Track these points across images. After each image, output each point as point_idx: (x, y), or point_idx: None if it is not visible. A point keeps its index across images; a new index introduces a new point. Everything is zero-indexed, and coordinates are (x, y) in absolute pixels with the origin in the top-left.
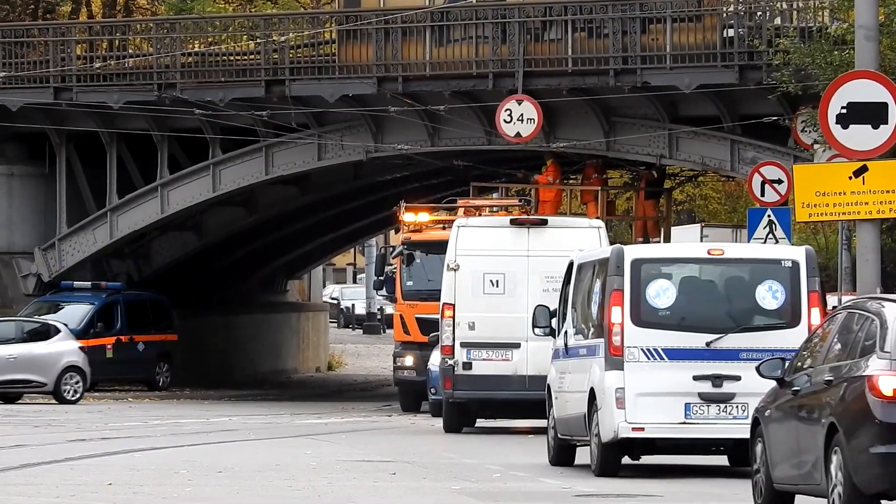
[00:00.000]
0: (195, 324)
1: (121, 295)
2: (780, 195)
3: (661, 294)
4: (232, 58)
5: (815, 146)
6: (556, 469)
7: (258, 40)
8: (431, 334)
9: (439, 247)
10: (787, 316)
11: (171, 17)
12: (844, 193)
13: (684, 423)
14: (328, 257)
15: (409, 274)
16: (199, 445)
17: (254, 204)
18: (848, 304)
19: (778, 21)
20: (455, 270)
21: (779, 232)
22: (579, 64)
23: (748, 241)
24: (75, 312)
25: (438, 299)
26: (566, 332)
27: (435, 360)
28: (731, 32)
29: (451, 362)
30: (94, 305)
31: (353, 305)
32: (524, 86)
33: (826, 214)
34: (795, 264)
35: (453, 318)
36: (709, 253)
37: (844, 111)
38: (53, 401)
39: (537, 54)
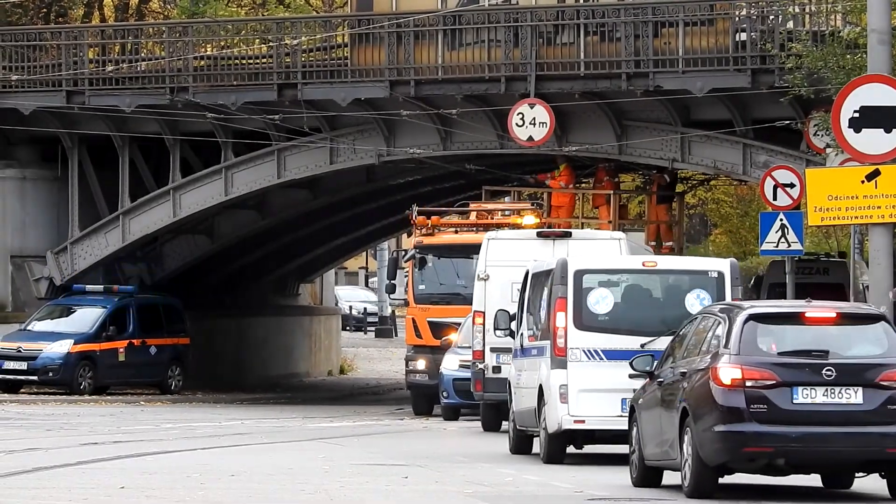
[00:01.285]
0: (207, 327)
1: (133, 298)
2: (793, 199)
3: (601, 301)
4: (244, 61)
5: (828, 150)
6: (515, 457)
7: (270, 44)
8: (443, 338)
9: (451, 250)
10: None
11: (183, 20)
12: (857, 197)
13: (620, 415)
14: (340, 261)
15: (421, 278)
16: (211, 449)
17: (266, 207)
18: (704, 308)
19: (790, 25)
20: (485, 280)
21: (791, 236)
22: (592, 68)
23: (760, 245)
24: (87, 316)
25: (450, 303)
26: (522, 334)
27: (447, 363)
28: (743, 36)
29: (481, 366)
30: (107, 309)
31: (349, 307)
32: (536, 89)
33: (838, 218)
34: (721, 275)
35: (483, 324)
36: (643, 265)
37: (857, 115)
38: (60, 397)
39: (549, 58)
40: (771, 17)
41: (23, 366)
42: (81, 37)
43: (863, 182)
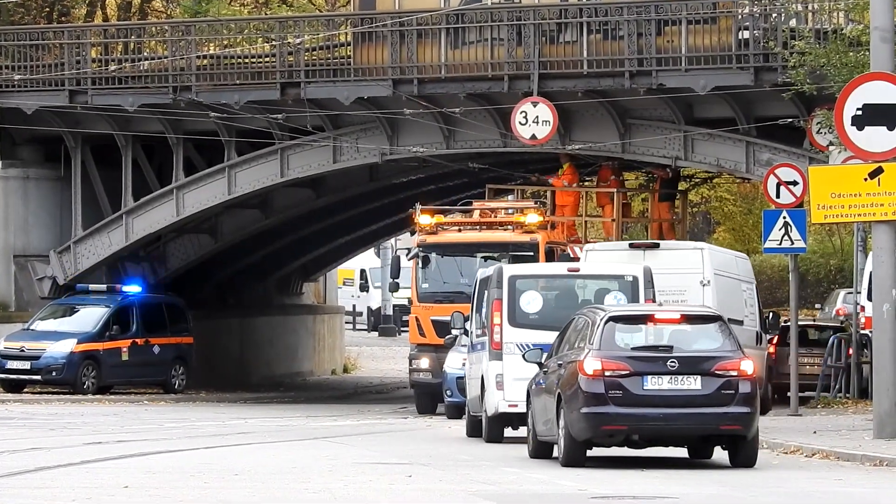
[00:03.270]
0: (211, 326)
1: (136, 297)
2: (796, 197)
3: (531, 302)
4: (247, 60)
5: (831, 148)
6: (517, 456)
7: (273, 43)
8: (447, 336)
9: (454, 249)
10: None
11: (186, 19)
12: (860, 195)
13: None
14: (343, 259)
15: (424, 276)
16: (214, 448)
17: (269, 206)
18: (580, 311)
19: (793, 23)
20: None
21: (794, 233)
22: (594, 66)
23: (763, 243)
24: (90, 315)
25: (454, 301)
26: (472, 332)
27: (451, 362)
28: (746, 34)
29: None
30: (110, 308)
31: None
32: (539, 88)
33: (841, 216)
34: (635, 279)
35: None
36: (568, 270)
37: (860, 113)
38: (63, 397)
39: (552, 56)
40: (774, 15)
41: (26, 365)
42: (84, 36)
43: (866, 180)
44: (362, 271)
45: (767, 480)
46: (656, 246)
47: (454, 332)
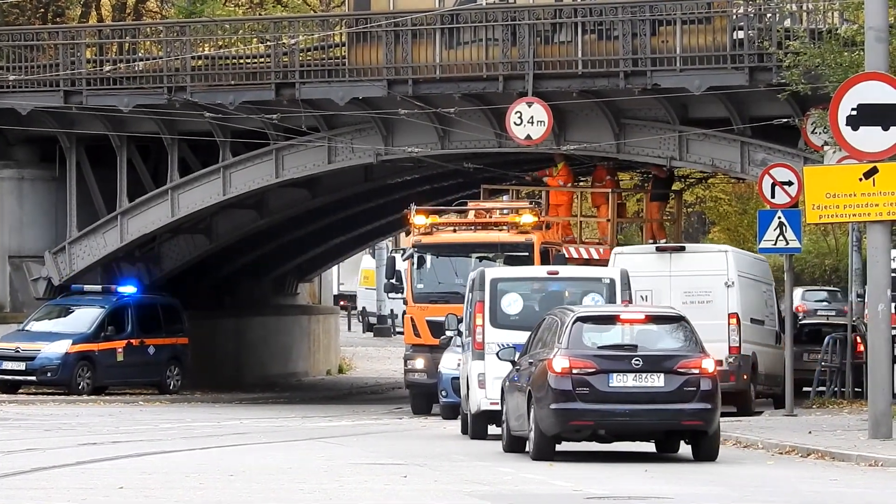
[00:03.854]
0: (206, 327)
1: (131, 298)
2: (791, 197)
3: (512, 304)
4: (242, 61)
5: (826, 148)
6: (513, 456)
7: (268, 43)
8: (442, 337)
9: (449, 249)
10: None
11: (180, 20)
12: (855, 195)
13: None
14: (339, 260)
15: (419, 276)
16: (209, 449)
17: (264, 207)
18: (550, 311)
19: (788, 22)
20: None
21: (789, 234)
22: (589, 66)
23: (758, 243)
24: (86, 316)
25: (449, 302)
26: (464, 333)
27: (446, 362)
28: (740, 34)
29: None
30: (105, 309)
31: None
32: (534, 88)
33: (836, 216)
34: (612, 281)
35: None
36: (548, 273)
37: (855, 113)
38: (59, 398)
39: (547, 56)
40: (768, 15)
41: (21, 366)
42: (79, 37)
43: (861, 180)
44: (396, 272)
45: (762, 480)
46: (682, 249)
47: (448, 333)
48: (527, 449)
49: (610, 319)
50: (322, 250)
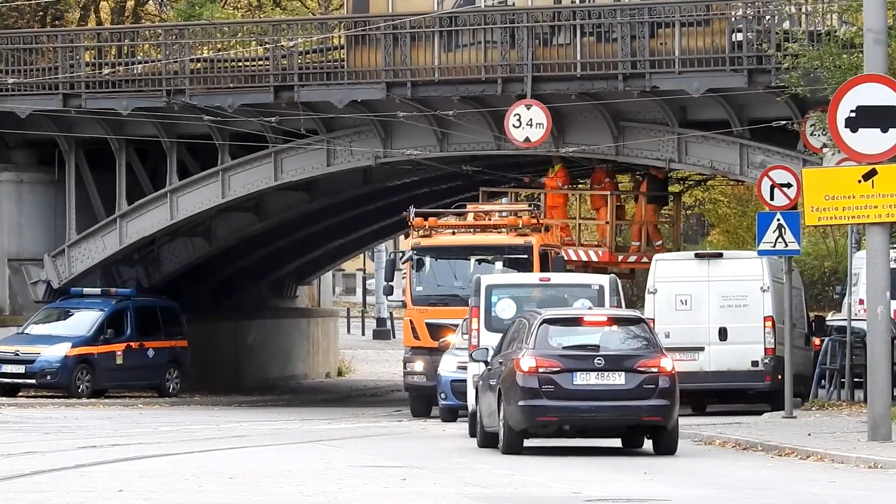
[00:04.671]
0: (205, 329)
1: (130, 301)
2: (790, 199)
3: (506, 309)
4: (241, 63)
5: (825, 150)
6: (513, 458)
7: (267, 46)
8: (442, 339)
9: (448, 252)
10: None
11: (179, 23)
12: (854, 197)
13: None
14: (337, 263)
15: (418, 279)
16: (209, 451)
17: (263, 209)
18: (520, 314)
19: (786, 25)
20: (654, 294)
21: (788, 236)
22: (588, 68)
23: (757, 245)
24: (85, 319)
25: (448, 304)
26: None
27: (445, 365)
28: (739, 36)
29: None
30: (104, 312)
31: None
32: (533, 90)
33: (835, 218)
34: (601, 287)
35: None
36: (540, 280)
37: (853, 115)
38: (58, 401)
39: (546, 59)
40: (767, 17)
41: (20, 369)
42: (78, 40)
43: (860, 182)
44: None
45: (761, 482)
46: (720, 256)
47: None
48: (499, 444)
49: (574, 322)
50: (321, 253)
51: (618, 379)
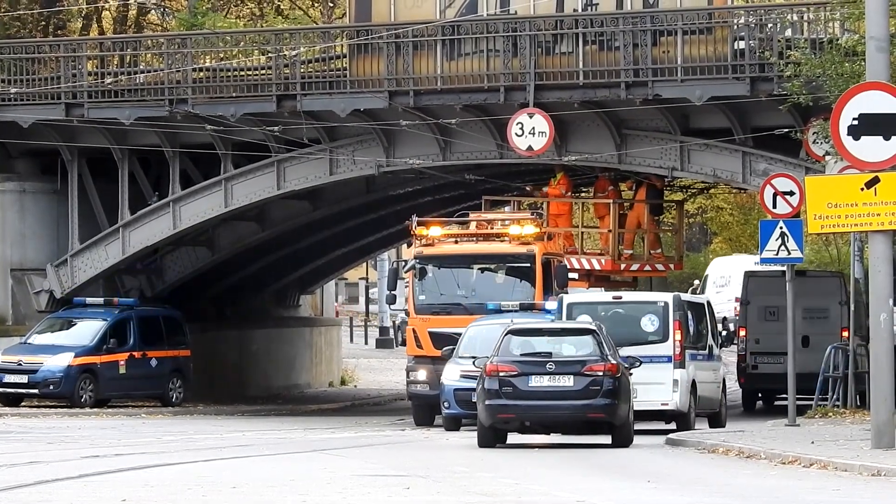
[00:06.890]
0: (208, 339)
1: (133, 311)
2: (793, 207)
3: None
4: (243, 73)
5: (827, 157)
6: (516, 467)
7: (269, 55)
8: (444, 348)
9: (451, 261)
10: (660, 335)
11: (182, 32)
12: (856, 205)
13: None
14: (340, 272)
15: (421, 288)
16: (213, 461)
17: (266, 219)
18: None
19: (789, 33)
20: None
21: (791, 244)
22: (590, 77)
23: (759, 253)
24: (88, 329)
25: (451, 313)
26: None
27: (448, 374)
28: (742, 44)
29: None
30: (107, 321)
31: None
32: (535, 99)
33: (838, 226)
34: (666, 304)
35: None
36: (613, 298)
37: (856, 122)
38: (61, 410)
39: (548, 67)
40: (769, 25)
41: (23, 379)
42: (80, 49)
43: (862, 189)
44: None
45: (765, 490)
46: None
47: None
48: (510, 441)
49: (534, 332)
50: (324, 262)
51: (567, 381)
